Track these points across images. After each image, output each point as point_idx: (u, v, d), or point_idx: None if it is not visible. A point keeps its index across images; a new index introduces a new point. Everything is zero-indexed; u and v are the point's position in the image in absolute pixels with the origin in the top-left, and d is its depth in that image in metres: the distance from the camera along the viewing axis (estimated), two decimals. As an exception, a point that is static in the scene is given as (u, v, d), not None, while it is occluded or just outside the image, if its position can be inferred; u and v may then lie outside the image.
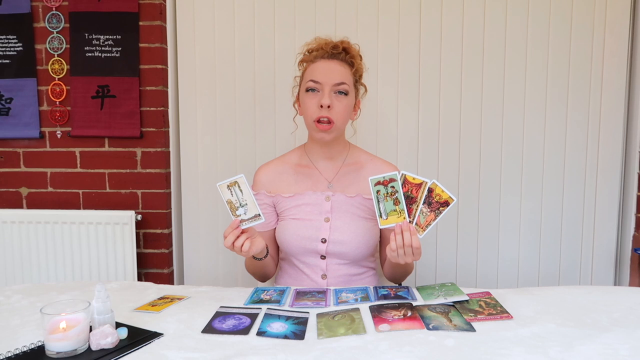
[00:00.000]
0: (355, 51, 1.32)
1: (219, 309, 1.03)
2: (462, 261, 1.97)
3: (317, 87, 1.25)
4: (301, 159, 1.37)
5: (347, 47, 1.30)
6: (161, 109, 1.93)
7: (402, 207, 1.10)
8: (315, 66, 1.28)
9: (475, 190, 1.93)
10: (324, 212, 1.30)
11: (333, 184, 1.33)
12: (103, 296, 0.89)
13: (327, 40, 1.31)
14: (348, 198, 1.30)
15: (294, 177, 1.35)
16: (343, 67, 1.28)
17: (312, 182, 1.33)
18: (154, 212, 1.97)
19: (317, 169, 1.35)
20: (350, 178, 1.33)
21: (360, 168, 1.34)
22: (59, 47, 1.92)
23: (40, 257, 1.92)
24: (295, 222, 1.30)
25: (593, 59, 1.86)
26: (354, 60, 1.30)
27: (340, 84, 1.25)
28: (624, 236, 1.92)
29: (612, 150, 1.90)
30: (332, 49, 1.28)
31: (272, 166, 1.39)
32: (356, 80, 1.32)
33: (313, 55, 1.29)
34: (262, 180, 1.37)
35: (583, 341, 0.84)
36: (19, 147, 1.98)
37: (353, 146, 1.39)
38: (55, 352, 0.81)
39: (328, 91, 1.24)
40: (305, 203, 1.31)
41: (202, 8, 1.92)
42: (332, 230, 1.28)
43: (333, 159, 1.34)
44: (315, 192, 1.31)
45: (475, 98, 1.90)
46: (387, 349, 0.83)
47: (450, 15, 1.87)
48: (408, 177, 1.11)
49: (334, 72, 1.26)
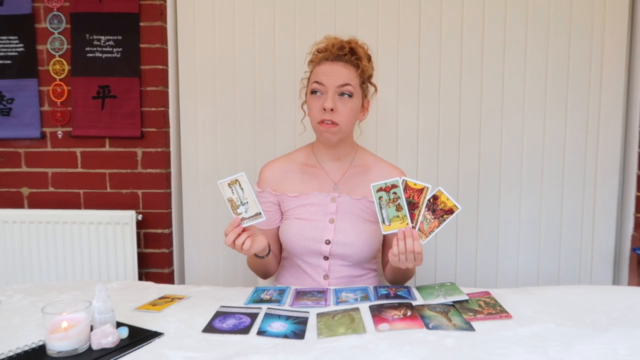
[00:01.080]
0: (362, 52, 1.29)
1: (219, 308, 1.03)
2: (461, 261, 1.97)
3: (321, 89, 1.24)
4: (308, 159, 1.36)
5: (354, 47, 1.28)
6: (162, 109, 1.93)
7: (405, 213, 1.10)
8: (320, 68, 1.26)
9: (475, 190, 1.94)
10: (329, 213, 1.29)
11: (339, 185, 1.32)
12: (104, 296, 0.89)
13: (335, 39, 1.29)
14: (354, 200, 1.30)
15: (300, 177, 1.34)
16: (348, 69, 1.25)
17: (319, 183, 1.32)
18: (154, 212, 1.97)
19: (324, 170, 1.34)
20: (357, 180, 1.32)
21: (366, 171, 1.33)
22: (60, 48, 1.92)
23: (41, 256, 1.92)
24: (300, 222, 1.30)
25: (592, 59, 1.86)
26: (360, 62, 1.27)
27: (344, 85, 1.23)
28: (623, 236, 1.93)
29: (611, 150, 1.90)
30: (338, 50, 1.26)
31: (278, 164, 1.38)
32: (363, 81, 1.29)
33: (319, 57, 1.28)
34: (268, 178, 1.36)
35: (582, 341, 0.85)
36: (20, 147, 1.98)
37: (361, 148, 1.39)
38: (56, 351, 0.81)
39: (332, 94, 1.23)
40: (311, 203, 1.31)
41: (202, 9, 1.92)
42: (337, 231, 1.28)
43: (340, 160, 1.34)
44: (322, 193, 1.31)
45: (475, 98, 1.90)
46: (387, 348, 0.84)
47: (449, 15, 1.87)
48: (409, 183, 1.11)
49: (338, 74, 1.24)
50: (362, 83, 1.29)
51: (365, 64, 1.28)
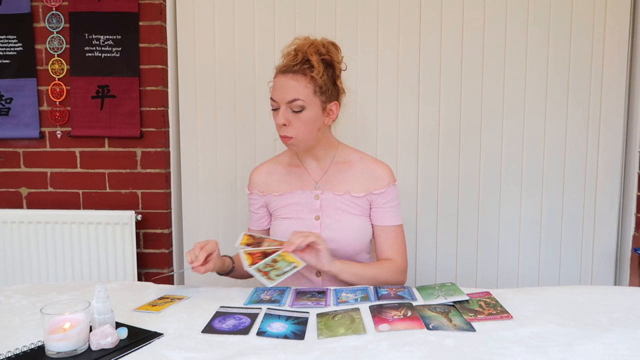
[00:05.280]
0: (316, 59, 1.23)
1: (219, 309, 1.03)
2: (462, 261, 1.97)
3: (275, 106, 1.26)
4: (292, 159, 1.39)
5: (308, 54, 1.24)
6: (161, 109, 1.93)
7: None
8: (275, 82, 1.27)
9: (475, 190, 1.93)
10: (314, 211, 1.32)
11: (321, 183, 1.34)
12: (103, 296, 0.89)
13: (290, 48, 1.28)
14: (336, 196, 1.31)
15: (285, 177, 1.37)
16: (297, 81, 1.22)
17: (302, 182, 1.35)
18: (154, 212, 1.97)
19: (307, 169, 1.36)
20: (339, 177, 1.33)
21: (349, 167, 1.34)
22: (59, 47, 1.92)
23: (40, 257, 1.92)
24: (287, 221, 1.33)
25: (593, 59, 1.86)
26: (310, 72, 1.23)
27: (292, 101, 1.22)
28: (624, 236, 1.92)
29: (612, 150, 1.90)
30: (290, 60, 1.25)
31: (265, 167, 1.42)
32: (321, 86, 1.24)
33: (277, 68, 1.28)
34: (256, 181, 1.40)
35: (583, 341, 0.84)
36: (19, 147, 1.98)
37: (343, 145, 1.39)
38: (55, 352, 0.81)
39: (284, 109, 1.23)
40: (296, 202, 1.33)
41: (202, 8, 1.92)
42: (323, 228, 1.30)
43: (320, 160, 1.35)
44: (305, 191, 1.33)
45: (475, 98, 1.90)
46: (387, 349, 0.83)
47: (450, 15, 1.87)
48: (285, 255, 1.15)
49: (286, 90, 1.23)
50: (318, 90, 1.25)
51: (319, 72, 1.23)
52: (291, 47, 1.28)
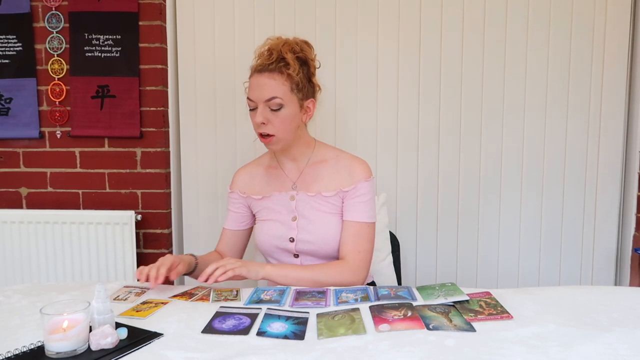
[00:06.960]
0: (291, 57, 1.24)
1: (219, 309, 1.03)
2: (462, 261, 1.97)
3: (252, 105, 1.26)
4: (271, 161, 1.41)
5: (283, 52, 1.24)
6: (161, 109, 1.93)
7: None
8: (251, 81, 1.28)
9: (476, 190, 1.93)
10: (291, 212, 1.33)
11: (297, 184, 1.35)
12: (103, 296, 0.89)
13: (264, 48, 1.28)
14: (309, 197, 1.32)
15: (265, 179, 1.39)
16: (274, 79, 1.23)
17: (279, 183, 1.36)
18: (154, 212, 1.97)
19: (284, 171, 1.37)
20: (314, 177, 1.34)
21: (325, 166, 1.35)
22: (58, 47, 1.92)
23: (40, 257, 1.92)
24: (267, 223, 1.35)
25: (593, 60, 1.86)
26: (286, 69, 1.23)
27: (270, 99, 1.23)
28: (625, 236, 1.92)
29: (613, 150, 1.90)
30: (265, 59, 1.25)
31: (247, 168, 1.44)
32: (297, 84, 1.25)
33: (252, 68, 1.29)
34: (238, 182, 1.43)
35: (583, 341, 0.84)
36: (18, 147, 1.98)
37: (320, 144, 1.39)
38: (55, 352, 0.81)
39: (261, 108, 1.24)
40: (274, 204, 1.35)
41: (202, 8, 1.92)
42: (300, 228, 1.31)
43: (296, 160, 1.36)
44: (281, 193, 1.35)
45: (475, 99, 1.89)
46: (387, 349, 0.83)
47: (449, 16, 1.87)
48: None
49: (263, 88, 1.23)
50: (295, 88, 1.25)
51: (295, 69, 1.24)
52: (264, 47, 1.29)
